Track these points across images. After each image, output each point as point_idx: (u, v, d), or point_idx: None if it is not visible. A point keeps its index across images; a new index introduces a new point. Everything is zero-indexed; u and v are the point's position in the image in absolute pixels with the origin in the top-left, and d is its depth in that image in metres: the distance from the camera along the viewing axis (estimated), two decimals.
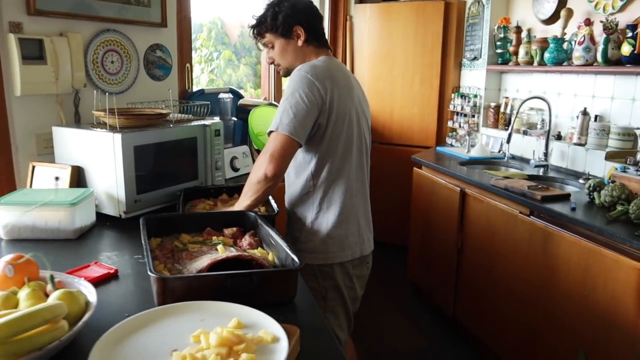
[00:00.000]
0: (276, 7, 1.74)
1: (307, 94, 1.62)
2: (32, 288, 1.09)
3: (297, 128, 1.59)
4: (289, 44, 1.76)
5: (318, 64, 1.71)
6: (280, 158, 1.59)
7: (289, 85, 1.65)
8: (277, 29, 1.74)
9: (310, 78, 1.63)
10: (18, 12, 1.95)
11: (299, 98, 1.61)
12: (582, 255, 2.04)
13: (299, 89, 1.62)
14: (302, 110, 1.60)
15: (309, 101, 1.61)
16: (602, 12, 2.76)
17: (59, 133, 1.98)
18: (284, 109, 1.61)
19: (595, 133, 2.73)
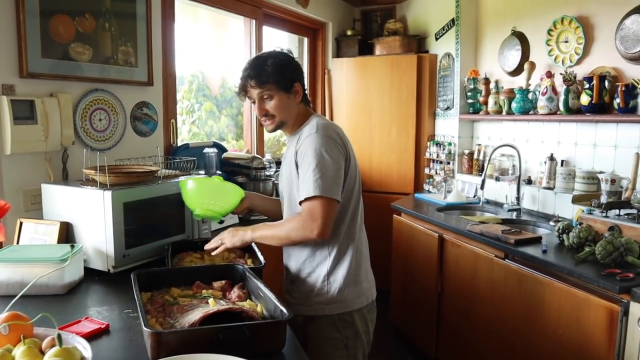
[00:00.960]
0: (277, 58, 1.76)
1: (336, 153, 1.67)
2: (27, 345, 1.13)
3: (336, 189, 1.64)
4: (289, 99, 1.77)
5: (326, 122, 1.77)
6: (330, 222, 1.64)
7: (312, 148, 1.66)
8: (280, 82, 1.74)
9: (332, 137, 1.69)
10: (11, 74, 2.03)
11: (330, 159, 1.65)
12: (555, 295, 2.14)
13: (327, 149, 1.66)
14: (336, 170, 1.65)
15: (338, 160, 1.67)
16: (561, 65, 2.96)
17: (48, 190, 2.03)
18: (320, 172, 1.63)
19: (562, 177, 2.88)
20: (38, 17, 2.08)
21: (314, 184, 1.61)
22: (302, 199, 1.65)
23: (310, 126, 1.73)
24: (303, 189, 1.64)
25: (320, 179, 1.61)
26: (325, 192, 1.61)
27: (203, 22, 3.80)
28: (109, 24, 2.39)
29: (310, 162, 1.64)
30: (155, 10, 2.65)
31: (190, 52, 3.47)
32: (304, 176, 1.65)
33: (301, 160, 1.69)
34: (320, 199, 1.61)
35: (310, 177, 1.62)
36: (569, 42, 2.93)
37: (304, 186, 1.64)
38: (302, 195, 1.65)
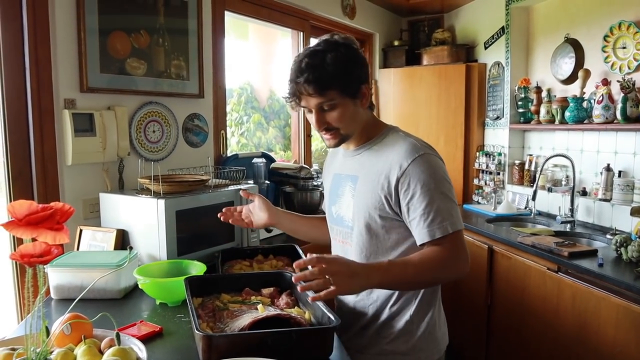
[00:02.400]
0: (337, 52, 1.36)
1: (448, 178, 1.43)
2: (88, 345, 1.18)
3: (460, 218, 1.42)
4: (355, 107, 1.42)
5: (418, 138, 1.49)
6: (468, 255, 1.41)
7: (431, 176, 1.37)
8: (346, 86, 1.37)
9: (438, 156, 1.46)
10: (72, 89, 2.14)
11: (449, 183, 1.42)
12: (612, 311, 2.05)
13: (444, 173, 1.42)
14: (454, 196, 1.42)
15: (451, 185, 1.44)
16: (618, 72, 2.86)
17: (106, 199, 2.13)
18: (450, 202, 1.38)
19: (619, 189, 2.77)
20: (97, 35, 2.18)
21: (449, 219, 1.35)
22: (438, 237, 1.35)
23: (407, 146, 1.42)
24: (437, 226, 1.35)
25: (452, 212, 1.37)
26: (458, 226, 1.37)
27: (252, 36, 3.90)
28: (162, 40, 2.48)
29: (434, 193, 1.36)
30: (206, 25, 2.74)
31: (239, 65, 3.56)
32: (432, 211, 1.35)
33: (413, 192, 1.37)
34: (458, 233, 1.37)
35: (442, 212, 1.35)
36: (627, 48, 2.83)
37: (437, 223, 1.35)
38: (430, 234, 1.35)
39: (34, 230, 0.77)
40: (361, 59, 1.43)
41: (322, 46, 1.39)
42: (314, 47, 1.40)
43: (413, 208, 1.38)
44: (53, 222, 0.80)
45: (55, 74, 2.08)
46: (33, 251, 0.81)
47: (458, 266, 1.38)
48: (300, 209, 2.98)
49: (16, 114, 2.00)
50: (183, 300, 1.68)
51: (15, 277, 2.02)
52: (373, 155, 1.48)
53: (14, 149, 2.00)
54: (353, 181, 1.52)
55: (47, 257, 0.82)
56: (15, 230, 0.77)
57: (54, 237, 0.79)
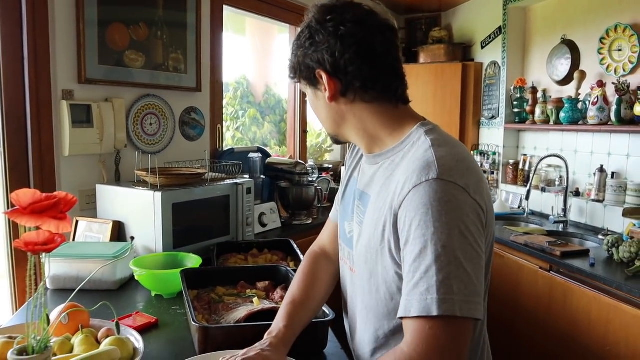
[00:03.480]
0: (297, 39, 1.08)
1: (475, 226, 0.90)
2: (85, 334, 1.19)
3: (474, 300, 0.86)
4: (316, 97, 1.10)
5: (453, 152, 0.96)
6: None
7: (433, 217, 0.87)
8: (297, 71, 1.09)
9: (466, 191, 0.90)
10: (70, 80, 2.14)
11: (463, 236, 0.87)
12: (603, 310, 2.08)
13: (459, 217, 0.88)
14: (475, 261, 0.88)
15: (478, 239, 0.90)
16: (613, 74, 2.89)
17: (102, 190, 2.13)
18: (454, 265, 0.85)
19: (612, 190, 2.80)
20: (96, 27, 2.19)
21: (439, 293, 0.84)
22: (411, 315, 0.87)
23: (420, 162, 0.94)
24: (410, 297, 0.88)
25: (452, 282, 0.84)
26: (457, 310, 0.84)
27: (249, 31, 3.90)
28: (161, 32, 2.48)
29: (424, 245, 0.87)
30: (205, 19, 2.75)
31: (236, 60, 3.56)
32: (411, 271, 0.89)
33: (407, 234, 0.91)
34: (448, 322, 0.85)
35: (424, 277, 0.86)
36: (623, 50, 2.86)
37: (412, 292, 0.88)
38: (405, 307, 0.89)
39: (38, 219, 0.78)
40: (316, 38, 1.02)
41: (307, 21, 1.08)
42: None
43: (405, 260, 0.92)
44: (57, 211, 0.81)
45: (53, 64, 2.08)
46: (37, 239, 0.82)
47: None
48: (295, 204, 2.99)
49: (14, 105, 2.00)
50: (178, 292, 1.69)
51: (11, 266, 2.02)
52: (389, 169, 1.04)
53: (11, 139, 2.00)
54: (363, 201, 1.11)
55: (51, 245, 0.83)
56: (20, 219, 0.78)
57: (57, 226, 0.80)
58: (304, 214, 3.04)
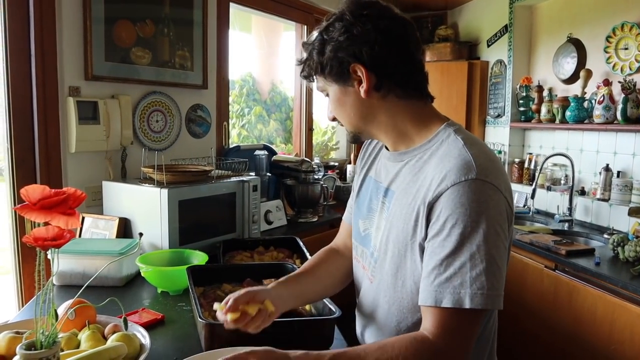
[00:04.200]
0: (325, 31, 1.07)
1: (504, 226, 0.96)
2: (91, 330, 1.20)
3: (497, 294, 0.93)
4: (346, 93, 1.08)
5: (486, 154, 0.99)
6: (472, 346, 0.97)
7: (469, 217, 0.92)
8: (324, 69, 1.07)
9: (502, 194, 0.96)
10: (77, 77, 2.15)
11: (497, 240, 0.94)
12: (608, 309, 2.07)
13: (495, 222, 0.93)
14: (502, 259, 0.96)
15: (505, 239, 0.97)
16: (620, 73, 2.87)
17: (108, 187, 2.14)
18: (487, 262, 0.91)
19: (618, 189, 2.79)
20: (103, 23, 2.19)
21: (472, 288, 0.91)
22: (443, 305, 0.93)
23: (458, 161, 0.96)
24: (443, 288, 0.93)
25: (482, 277, 0.91)
26: (488, 303, 0.91)
27: (255, 28, 3.90)
28: (167, 29, 2.49)
29: (461, 241, 0.92)
30: (211, 16, 2.75)
31: (242, 57, 3.56)
32: (444, 264, 0.94)
33: (439, 227, 0.95)
34: (470, 315, 0.93)
35: (460, 271, 0.92)
36: (629, 49, 2.84)
37: (446, 284, 0.93)
38: (435, 297, 0.94)
39: (47, 215, 0.79)
40: (356, 31, 1.03)
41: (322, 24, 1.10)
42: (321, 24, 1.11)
43: (431, 252, 0.96)
44: (66, 207, 0.82)
45: (60, 61, 2.09)
46: (46, 235, 0.83)
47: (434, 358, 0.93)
48: (300, 202, 2.99)
49: (21, 101, 2.01)
50: (184, 289, 1.70)
51: (17, 262, 2.03)
52: (417, 166, 1.06)
53: (18, 135, 2.01)
54: (388, 197, 1.13)
55: (60, 240, 0.84)
56: (29, 214, 0.79)
57: (66, 222, 0.81)
58: (310, 212, 3.04)
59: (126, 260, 1.78)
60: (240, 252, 2.00)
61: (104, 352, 1.02)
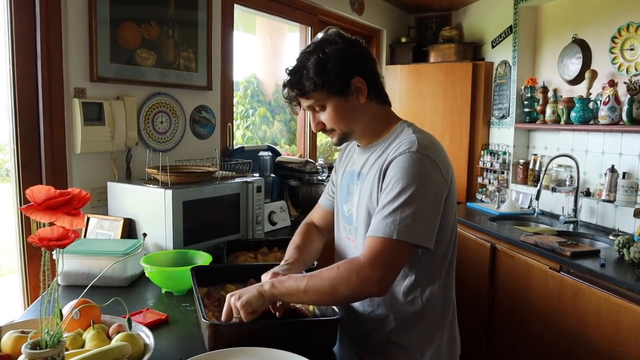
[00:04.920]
0: (320, 53, 1.31)
1: (437, 186, 1.27)
2: (96, 330, 1.21)
3: (427, 235, 1.24)
4: (348, 102, 1.35)
5: (427, 137, 1.35)
6: (395, 274, 1.26)
7: (407, 173, 1.25)
8: (330, 84, 1.31)
9: (436, 162, 1.28)
10: (82, 78, 2.16)
11: (428, 192, 1.25)
12: (613, 311, 2.07)
13: (427, 179, 1.25)
14: (433, 210, 1.26)
15: (438, 196, 1.27)
16: (625, 74, 2.86)
17: (113, 188, 2.15)
18: (411, 209, 1.21)
19: (623, 190, 2.78)
20: (108, 25, 2.20)
21: (397, 223, 1.21)
22: (378, 235, 1.23)
23: (406, 140, 1.31)
24: (379, 224, 1.24)
25: (408, 218, 1.21)
26: (409, 237, 1.21)
27: (259, 30, 3.91)
28: (172, 31, 2.50)
29: (399, 192, 1.23)
30: (216, 18, 2.76)
31: (246, 58, 3.57)
32: (385, 208, 1.24)
33: (387, 184, 1.28)
34: (395, 245, 1.21)
35: (393, 212, 1.22)
36: (635, 49, 2.83)
37: (382, 221, 1.23)
38: (373, 229, 1.25)
39: (52, 215, 0.79)
40: (352, 51, 1.34)
41: (310, 47, 1.35)
42: (305, 49, 1.37)
43: (380, 200, 1.28)
44: (71, 207, 0.82)
45: (66, 63, 2.09)
46: (51, 235, 0.83)
47: (366, 282, 1.20)
48: (304, 203, 3.00)
49: (27, 102, 2.02)
50: (188, 289, 1.71)
51: (23, 262, 2.04)
52: (379, 152, 1.39)
53: (23, 136, 2.02)
54: (360, 179, 1.44)
55: (65, 240, 0.84)
56: (34, 215, 0.79)
57: (71, 222, 0.81)
58: None
59: (131, 260, 1.79)
60: (244, 253, 2.00)
61: (108, 351, 1.02)
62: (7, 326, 1.21)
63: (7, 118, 2.01)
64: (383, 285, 1.22)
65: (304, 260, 1.54)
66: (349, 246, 1.52)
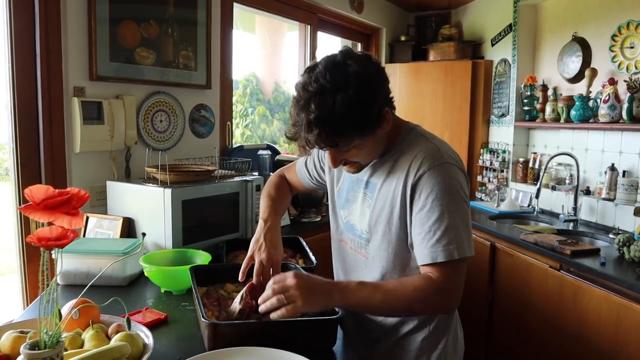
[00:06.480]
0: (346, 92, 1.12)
1: (467, 192, 1.28)
2: (95, 330, 1.20)
3: (470, 244, 1.24)
4: (375, 136, 1.24)
5: (444, 145, 1.33)
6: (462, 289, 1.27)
7: (445, 190, 1.21)
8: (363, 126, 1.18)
9: (461, 169, 1.29)
10: (82, 78, 2.16)
11: (464, 203, 1.25)
12: (613, 310, 2.06)
13: (461, 190, 1.25)
14: (469, 218, 1.27)
15: (468, 201, 1.28)
16: (625, 72, 2.86)
17: (113, 187, 2.15)
18: (458, 225, 1.21)
19: (623, 188, 2.78)
20: (107, 24, 2.20)
21: (454, 243, 1.20)
22: (440, 261, 1.21)
23: (428, 153, 1.26)
24: (435, 247, 1.21)
25: (461, 234, 1.21)
26: (464, 252, 1.21)
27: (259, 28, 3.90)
28: (171, 30, 2.49)
29: (442, 210, 1.21)
30: (215, 16, 2.75)
31: (245, 57, 3.57)
32: (434, 229, 1.21)
33: (423, 202, 1.23)
34: (459, 263, 1.21)
35: (446, 233, 1.20)
36: (635, 47, 2.83)
37: (437, 244, 1.20)
38: (433, 256, 1.21)
39: (51, 215, 0.79)
40: (379, 82, 1.21)
41: (329, 83, 1.12)
42: (321, 81, 1.13)
43: (420, 222, 1.23)
44: (69, 207, 0.82)
45: (65, 62, 2.09)
46: (50, 235, 0.83)
47: (444, 302, 1.24)
48: (303, 202, 2.99)
49: (26, 101, 2.02)
50: (187, 288, 1.70)
51: (22, 262, 2.04)
52: (391, 161, 1.32)
53: (23, 135, 2.02)
54: (369, 189, 1.37)
55: (63, 240, 0.84)
56: (33, 214, 0.79)
57: (70, 222, 0.81)
58: (313, 212, 3.04)
59: (130, 259, 1.78)
60: (244, 252, 1.98)
61: (108, 351, 1.02)
62: (6, 326, 1.21)
63: (7, 117, 2.00)
64: (457, 302, 1.26)
65: (279, 213, 1.63)
66: (357, 260, 1.45)
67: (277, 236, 1.52)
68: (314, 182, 1.69)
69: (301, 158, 1.70)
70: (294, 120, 1.19)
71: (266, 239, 1.48)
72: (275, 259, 1.46)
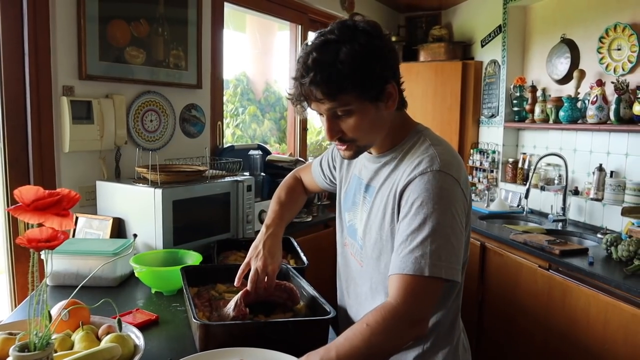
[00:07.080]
0: (357, 45, 1.06)
1: (461, 208, 1.12)
2: (85, 331, 1.20)
3: (456, 267, 1.08)
4: (378, 111, 1.14)
5: (446, 150, 1.17)
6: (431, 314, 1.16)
7: (432, 200, 1.07)
8: (364, 87, 1.08)
9: (459, 182, 1.12)
10: (71, 77, 2.14)
11: (454, 219, 1.08)
12: (601, 309, 2.09)
13: (452, 205, 1.09)
14: (459, 236, 1.10)
15: (462, 219, 1.12)
16: (613, 74, 2.89)
17: (102, 187, 2.13)
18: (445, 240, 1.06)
19: (611, 189, 2.81)
20: (97, 23, 2.18)
21: (428, 257, 1.04)
22: (397, 272, 1.06)
23: (426, 157, 1.14)
24: (406, 258, 1.06)
25: (439, 250, 1.04)
26: (437, 272, 1.04)
27: (249, 28, 3.89)
28: (162, 29, 2.48)
29: (424, 219, 1.06)
30: (206, 16, 2.74)
31: (236, 57, 3.55)
32: (410, 239, 1.07)
33: (407, 209, 1.10)
34: (428, 283, 1.04)
35: (421, 245, 1.05)
36: (622, 49, 2.86)
37: (409, 255, 1.06)
38: (401, 266, 1.06)
39: (41, 216, 0.78)
40: (387, 50, 1.12)
41: (336, 35, 1.07)
42: (327, 34, 1.09)
43: (401, 229, 1.10)
44: (60, 208, 0.81)
45: (54, 61, 2.07)
46: (40, 236, 0.82)
47: (405, 328, 1.04)
48: None
49: (14, 101, 2.00)
50: (178, 289, 1.70)
51: (10, 263, 2.02)
52: (392, 165, 1.22)
53: (11, 135, 2.00)
54: (369, 192, 1.28)
55: (54, 242, 0.83)
56: (23, 216, 0.78)
57: (60, 223, 0.80)
58: (304, 212, 3.04)
59: (120, 260, 1.77)
60: (235, 252, 1.99)
61: (98, 353, 1.02)
62: None
63: None
64: (425, 324, 1.08)
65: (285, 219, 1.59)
66: (355, 267, 1.36)
67: (276, 244, 1.49)
68: (328, 182, 1.59)
69: (317, 158, 1.63)
70: (294, 74, 1.12)
71: (265, 247, 1.47)
72: (271, 268, 1.43)
